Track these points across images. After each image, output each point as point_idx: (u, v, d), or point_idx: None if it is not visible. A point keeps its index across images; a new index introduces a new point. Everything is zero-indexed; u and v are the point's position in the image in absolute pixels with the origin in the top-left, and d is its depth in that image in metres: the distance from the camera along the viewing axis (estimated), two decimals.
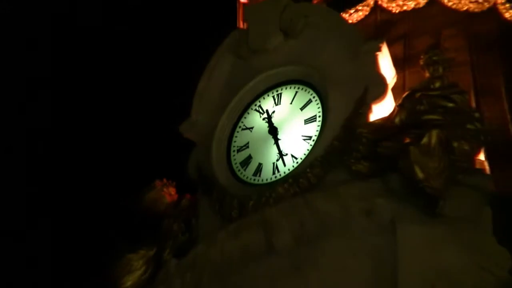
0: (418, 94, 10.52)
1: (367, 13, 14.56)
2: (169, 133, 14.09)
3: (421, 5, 14.22)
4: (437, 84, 10.66)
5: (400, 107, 10.54)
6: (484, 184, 10.21)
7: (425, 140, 10.05)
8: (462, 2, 14.32)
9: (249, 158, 11.77)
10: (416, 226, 9.98)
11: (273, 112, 11.84)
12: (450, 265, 9.74)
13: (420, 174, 9.84)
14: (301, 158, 11.06)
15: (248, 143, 11.93)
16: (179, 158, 13.78)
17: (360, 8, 14.67)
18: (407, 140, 10.11)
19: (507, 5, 14.35)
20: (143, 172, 16.98)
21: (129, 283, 11.78)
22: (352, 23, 14.02)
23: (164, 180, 12.51)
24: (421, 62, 11.01)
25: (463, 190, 10.09)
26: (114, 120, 38.41)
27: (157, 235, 12.10)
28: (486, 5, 14.29)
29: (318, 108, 11.38)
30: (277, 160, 11.36)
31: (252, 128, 11.97)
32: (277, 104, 11.95)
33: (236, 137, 12.24)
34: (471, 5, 14.24)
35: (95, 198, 26.23)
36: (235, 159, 12.02)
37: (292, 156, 11.19)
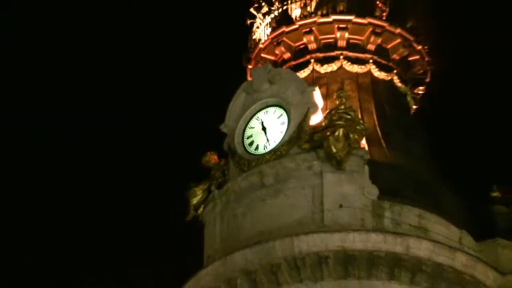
0: (333, 111, 14.67)
1: (309, 72, 17.47)
2: (215, 131, 16.40)
3: (335, 69, 17.55)
4: (342, 107, 14.62)
5: (325, 117, 14.83)
6: (365, 154, 14.91)
7: (336, 134, 14.18)
8: (354, 67, 17.51)
9: (252, 142, 15.40)
10: (332, 174, 14.60)
11: (264, 120, 15.56)
12: (348, 193, 14.51)
13: (334, 150, 14.05)
14: (277, 142, 15.05)
15: (252, 135, 15.54)
16: (219, 144, 16.30)
17: (305, 70, 17.57)
18: (328, 133, 14.26)
19: (377, 69, 17.71)
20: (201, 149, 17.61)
21: (195, 201, 15.67)
22: (302, 78, 16.88)
23: (209, 153, 16.08)
24: (335, 96, 15.35)
25: (355, 158, 14.60)
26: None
27: (208, 178, 15.97)
28: (365, 69, 17.67)
29: (286, 118, 15.30)
30: (266, 142, 15.18)
31: (254, 127, 15.58)
32: (266, 115, 15.73)
33: (246, 132, 15.71)
34: (359, 69, 17.51)
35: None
36: (245, 142, 15.63)
37: (274, 141, 15.10)
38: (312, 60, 17.44)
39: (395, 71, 17.66)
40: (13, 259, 31.69)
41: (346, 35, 17.46)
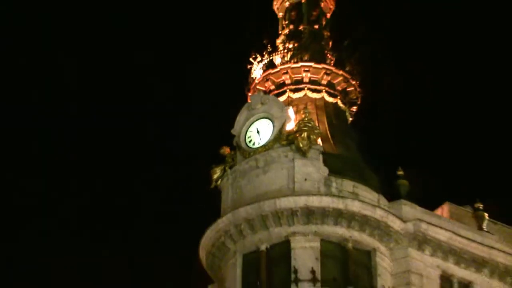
0: (300, 122, 16.38)
1: (286, 97, 19.13)
2: (228, 133, 17.67)
3: (301, 96, 19.07)
4: (306, 119, 16.34)
5: (295, 125, 16.56)
6: (320, 148, 16.60)
7: (302, 135, 16.06)
8: (313, 94, 19.11)
9: (251, 140, 17.14)
10: (300, 160, 16.30)
11: (258, 126, 17.25)
12: (310, 172, 16.20)
13: (301, 145, 15.88)
14: (266, 140, 16.73)
15: (250, 136, 17.22)
16: (230, 141, 17.50)
17: (283, 96, 19.14)
18: (297, 135, 16.11)
19: (327, 95, 19.14)
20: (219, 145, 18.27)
21: (215, 176, 17.24)
22: (281, 101, 18.15)
23: (224, 147, 17.41)
24: (302, 112, 17.09)
25: (314, 150, 16.22)
26: None
27: (223, 162, 17.34)
28: (320, 96, 19.12)
29: (271, 125, 16.98)
30: (259, 140, 16.96)
31: (252, 131, 17.29)
32: (259, 124, 17.30)
33: (247, 134, 17.37)
34: (316, 96, 19.09)
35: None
36: (246, 140, 17.26)
37: (264, 140, 16.80)
38: (288, 90, 19.34)
39: (338, 97, 19.50)
40: None
41: (309, 75, 19.24)
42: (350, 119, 20.12)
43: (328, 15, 21.29)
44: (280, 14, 21.26)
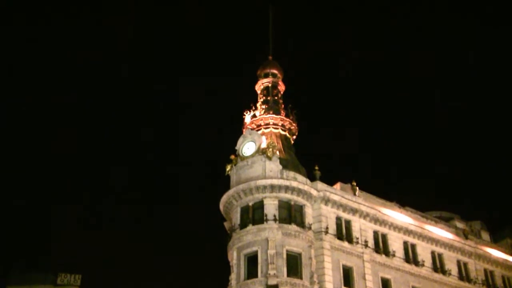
0: (268, 143, 17.33)
1: (261, 131, 19.06)
2: (233, 148, 17.87)
3: (269, 131, 18.89)
4: (271, 142, 17.39)
5: (267, 145, 17.33)
6: (277, 156, 17.23)
7: (269, 149, 17.01)
8: (275, 130, 19.20)
9: (244, 151, 17.89)
10: (268, 161, 16.92)
11: (247, 145, 17.87)
12: (273, 167, 16.78)
13: (269, 154, 17.08)
14: (252, 152, 17.57)
15: (243, 149, 17.88)
16: (234, 152, 17.73)
17: (260, 131, 19.08)
18: (267, 149, 17.13)
19: (282, 131, 19.32)
20: (229, 153, 18.13)
21: (228, 169, 17.71)
22: (259, 133, 18.35)
23: (232, 155, 17.78)
24: (268, 139, 17.82)
25: (275, 157, 17.09)
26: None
27: (231, 162, 17.60)
28: (278, 130, 19.35)
29: (254, 145, 17.80)
30: (248, 152, 17.73)
31: (244, 147, 17.91)
32: (248, 144, 17.93)
33: (242, 149, 17.94)
34: (276, 131, 19.31)
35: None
36: (242, 151, 17.92)
37: (251, 151, 17.60)
38: (262, 128, 19.65)
39: (287, 131, 19.84)
40: None
41: (272, 121, 19.68)
42: (292, 141, 20.21)
43: (281, 92, 21.40)
44: (259, 91, 21.38)
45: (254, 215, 16.05)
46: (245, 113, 19.95)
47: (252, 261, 15.05)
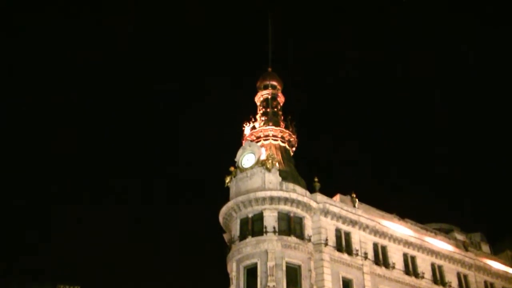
0: (267, 154, 17.20)
1: (261, 143, 18.88)
2: (232, 160, 17.51)
3: (268, 142, 18.77)
4: (271, 154, 17.24)
5: (266, 156, 17.16)
6: (277, 167, 17.05)
7: (269, 161, 16.88)
8: (275, 142, 19.05)
9: (244, 163, 17.68)
10: (268, 173, 16.79)
11: (247, 156, 17.68)
12: (272, 179, 16.69)
13: (268, 166, 16.85)
14: (251, 164, 17.40)
15: (243, 161, 17.71)
16: (234, 164, 17.54)
17: (260, 142, 18.89)
18: (266, 161, 16.95)
19: (281, 142, 19.12)
20: (229, 165, 17.83)
21: (227, 180, 17.56)
22: (258, 145, 18.10)
23: (232, 167, 17.63)
24: (268, 151, 17.69)
25: (274, 169, 16.91)
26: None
27: (230, 174, 17.46)
28: (278, 142, 19.26)
29: (254, 156, 17.58)
30: (248, 163, 17.56)
31: (244, 158, 17.73)
32: (247, 155, 17.76)
33: (242, 160, 17.75)
34: (276, 143, 19.16)
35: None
36: (242, 163, 17.72)
37: (250, 163, 17.43)
38: (262, 140, 19.46)
39: (286, 143, 19.64)
40: None
41: (272, 133, 19.49)
42: (292, 153, 20.08)
43: (281, 104, 21.26)
44: (258, 103, 21.22)
45: (253, 227, 15.95)
46: (244, 125, 19.84)
47: (251, 273, 14.94)
